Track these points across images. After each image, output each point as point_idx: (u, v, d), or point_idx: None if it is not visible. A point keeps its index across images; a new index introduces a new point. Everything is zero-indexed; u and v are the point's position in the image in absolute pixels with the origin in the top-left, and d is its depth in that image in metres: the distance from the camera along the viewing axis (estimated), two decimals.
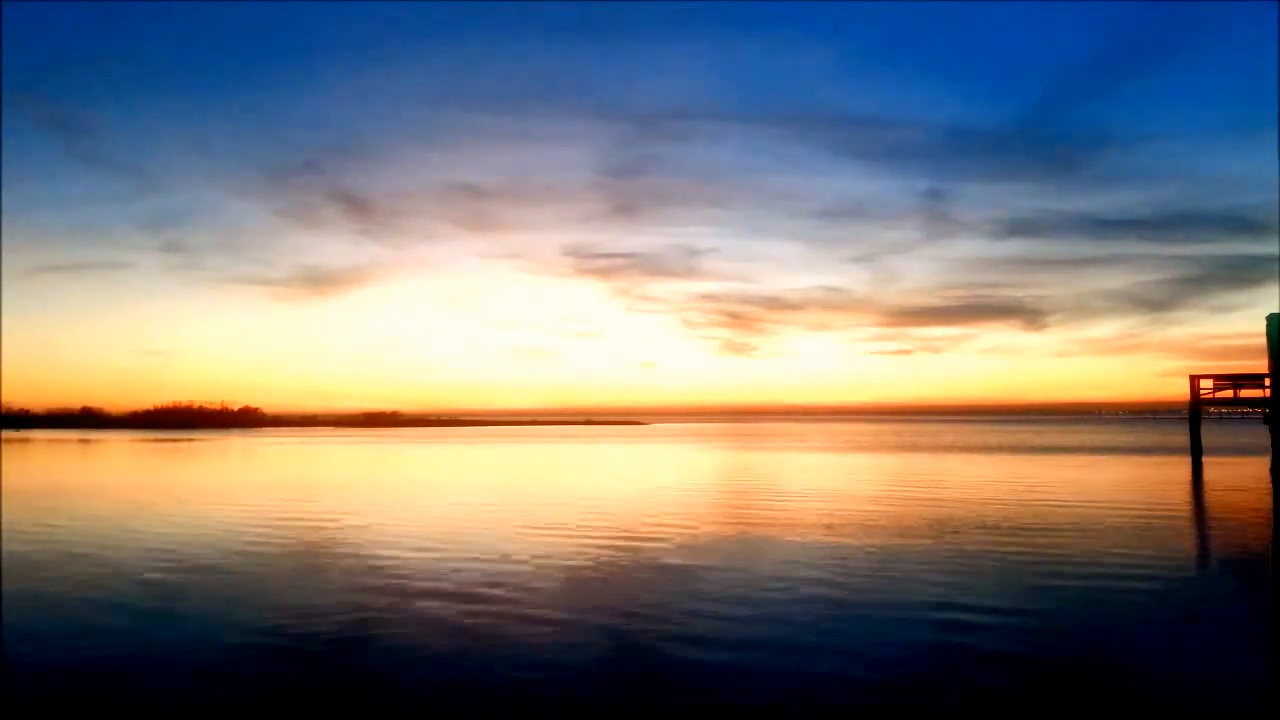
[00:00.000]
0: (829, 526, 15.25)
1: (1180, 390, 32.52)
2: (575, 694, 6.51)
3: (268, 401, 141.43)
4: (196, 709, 6.27)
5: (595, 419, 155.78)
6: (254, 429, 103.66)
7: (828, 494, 21.40)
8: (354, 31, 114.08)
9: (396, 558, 12.37)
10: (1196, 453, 30.50)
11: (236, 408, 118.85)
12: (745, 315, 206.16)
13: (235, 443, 60.60)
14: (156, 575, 11.22)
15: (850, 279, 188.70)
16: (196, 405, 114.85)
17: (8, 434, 78.06)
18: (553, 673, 6.99)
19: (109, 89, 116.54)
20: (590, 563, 11.92)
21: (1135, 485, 23.15)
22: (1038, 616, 8.71)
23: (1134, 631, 8.13)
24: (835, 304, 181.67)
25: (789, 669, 7.03)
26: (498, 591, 10.05)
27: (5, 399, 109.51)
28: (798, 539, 13.91)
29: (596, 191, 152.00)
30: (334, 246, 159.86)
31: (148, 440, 63.83)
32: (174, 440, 64.47)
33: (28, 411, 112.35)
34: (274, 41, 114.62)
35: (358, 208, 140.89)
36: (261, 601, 9.61)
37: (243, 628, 8.45)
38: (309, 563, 12.07)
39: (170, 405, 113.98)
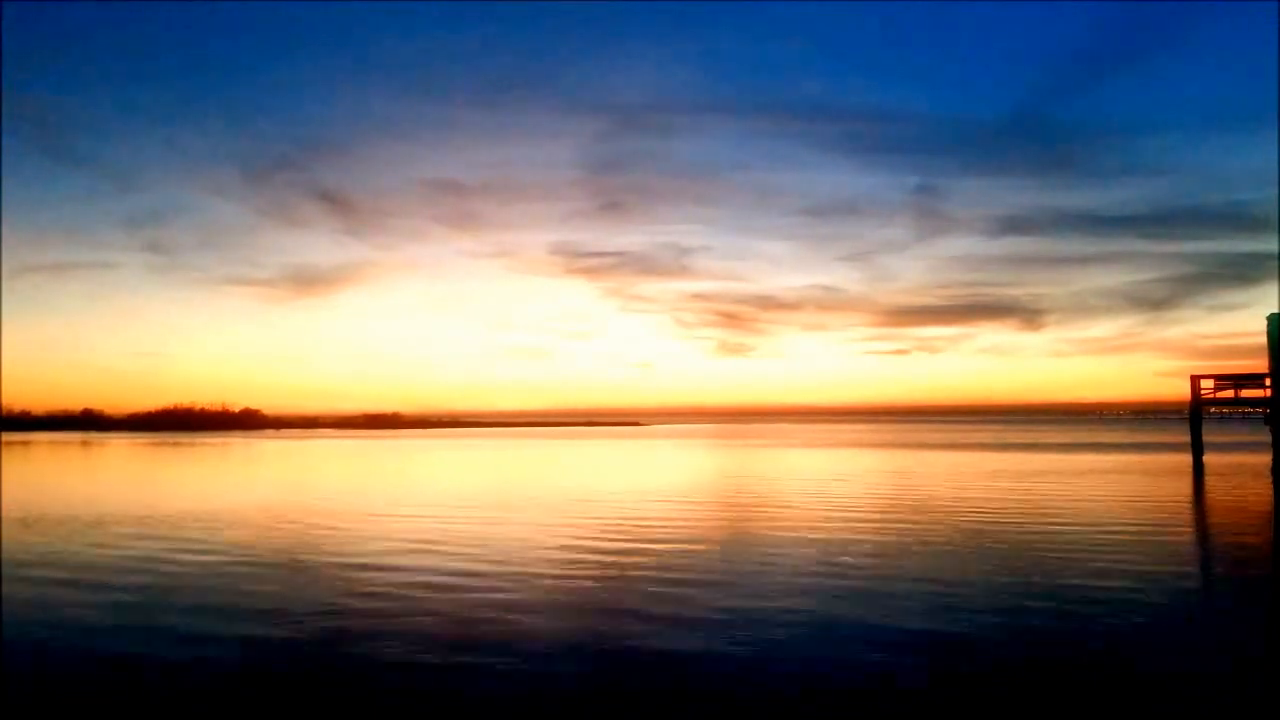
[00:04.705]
0: (827, 527, 15.35)
1: (1179, 390, 32.76)
2: (568, 699, 6.61)
3: (263, 403, 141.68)
4: (187, 712, 6.38)
5: (594, 420, 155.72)
6: (255, 431, 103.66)
7: (826, 494, 21.50)
8: (328, 25, 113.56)
9: (403, 559, 12.48)
10: (1198, 452, 30.60)
11: (237, 409, 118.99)
12: (739, 315, 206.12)
13: (242, 445, 60.61)
14: (165, 577, 11.33)
15: (844, 278, 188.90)
16: (198, 408, 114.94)
17: (9, 436, 78.01)
18: (545, 678, 7.09)
19: (83, 85, 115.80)
20: (585, 565, 12.01)
21: (1135, 485, 23.21)
22: (1036, 616, 8.78)
23: (1134, 631, 8.22)
24: (830, 303, 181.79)
25: (786, 671, 7.12)
26: (493, 596, 10.14)
27: (4, 401, 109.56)
28: (795, 540, 13.97)
29: (581, 188, 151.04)
30: (318, 246, 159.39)
31: (155, 444, 63.82)
32: (183, 444, 64.45)
33: (29, 414, 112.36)
34: (246, 37, 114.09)
35: (339, 206, 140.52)
36: (270, 605, 9.72)
37: (234, 632, 8.56)
38: (322, 564, 12.16)
39: (171, 407, 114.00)
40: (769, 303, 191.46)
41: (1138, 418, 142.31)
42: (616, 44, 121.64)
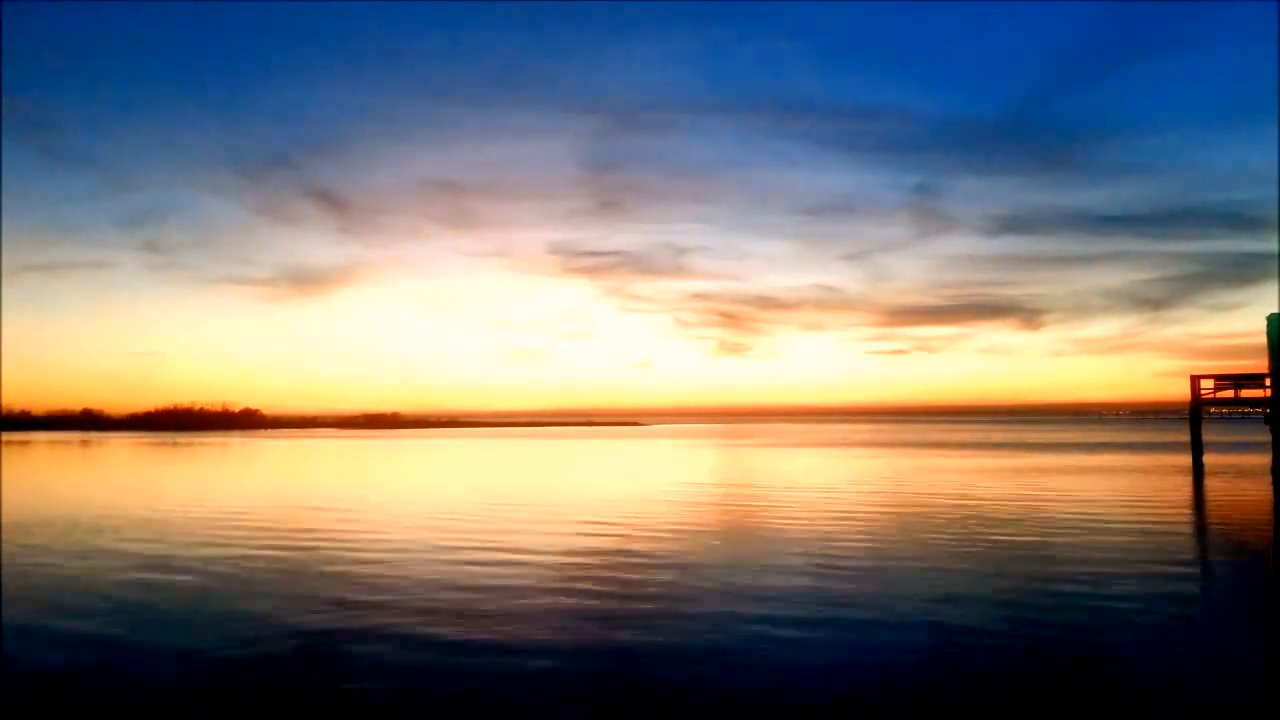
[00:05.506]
0: (826, 527, 15.32)
1: (1179, 390, 32.80)
2: (566, 701, 6.58)
3: (261, 402, 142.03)
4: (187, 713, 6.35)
5: (593, 420, 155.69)
6: (254, 431, 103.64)
7: (825, 495, 21.46)
8: (324, 24, 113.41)
9: (403, 560, 12.45)
10: (1197, 452, 30.57)
11: (237, 409, 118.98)
12: (738, 315, 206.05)
13: (241, 445, 60.57)
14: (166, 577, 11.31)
15: (843, 278, 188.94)
16: (198, 407, 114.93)
17: (8, 436, 77.97)
18: (543, 679, 7.06)
19: (79, 85, 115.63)
20: (582, 566, 11.98)
21: (1135, 485, 23.20)
22: (1037, 616, 8.76)
23: (1134, 631, 8.19)
24: (829, 303, 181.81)
25: (785, 673, 7.10)
26: (492, 595, 10.12)
27: (3, 401, 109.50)
28: (796, 542, 13.95)
29: (579, 187, 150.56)
30: (315, 245, 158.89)
31: (155, 444, 63.78)
32: (182, 443, 64.41)
33: (28, 413, 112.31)
34: (242, 36, 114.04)
35: (334, 205, 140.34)
36: (270, 607, 9.69)
37: (225, 636, 8.54)
38: (322, 565, 12.14)
39: (171, 407, 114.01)
40: (768, 302, 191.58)
41: (1137, 418, 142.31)
42: (614, 43, 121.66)
